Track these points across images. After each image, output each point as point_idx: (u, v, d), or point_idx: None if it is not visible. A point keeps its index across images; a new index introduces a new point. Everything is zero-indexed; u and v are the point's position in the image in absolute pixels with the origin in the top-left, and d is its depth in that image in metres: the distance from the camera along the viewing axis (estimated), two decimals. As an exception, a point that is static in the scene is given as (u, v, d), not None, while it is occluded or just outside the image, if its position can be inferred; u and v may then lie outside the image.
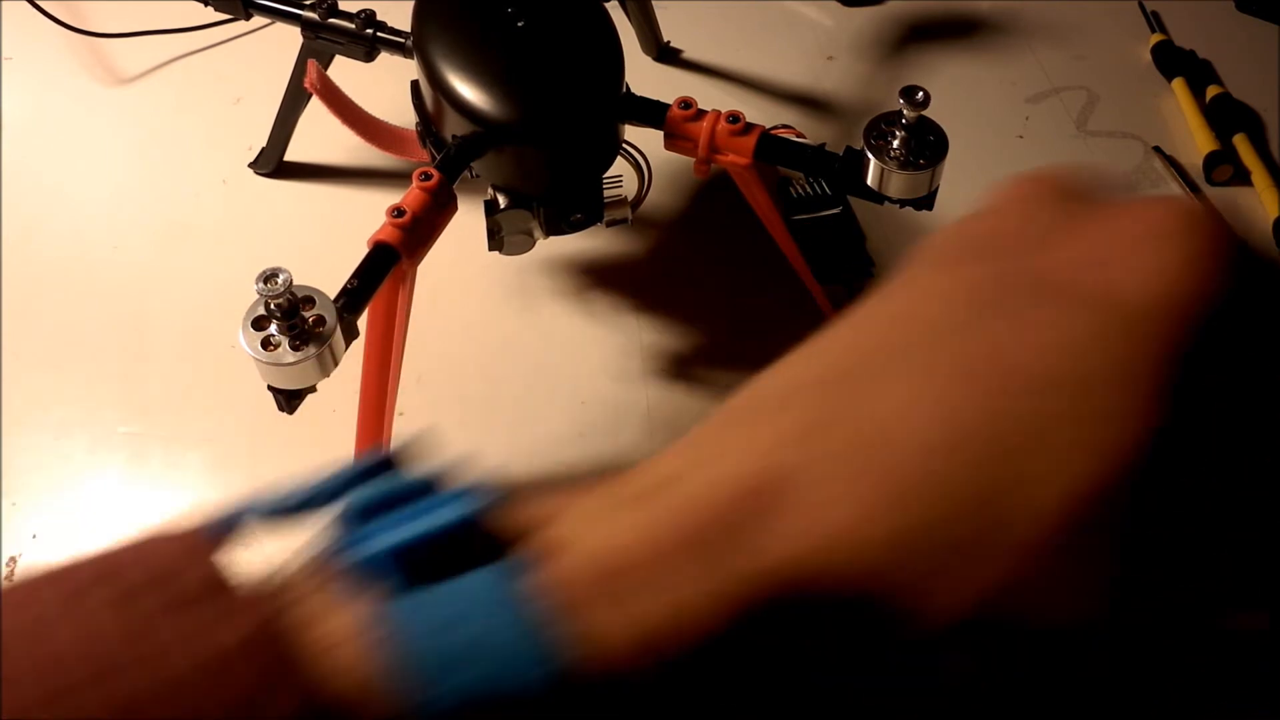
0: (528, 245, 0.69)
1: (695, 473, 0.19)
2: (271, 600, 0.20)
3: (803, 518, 0.18)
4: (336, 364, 0.53)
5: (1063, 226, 0.21)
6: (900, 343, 0.20)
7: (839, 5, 0.95)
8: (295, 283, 0.53)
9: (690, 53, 0.92)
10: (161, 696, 0.17)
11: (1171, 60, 0.89)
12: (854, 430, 0.18)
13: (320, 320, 0.54)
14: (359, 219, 0.66)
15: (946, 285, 0.21)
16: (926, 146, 0.61)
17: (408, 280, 0.63)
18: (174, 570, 0.19)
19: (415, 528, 0.20)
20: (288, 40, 0.76)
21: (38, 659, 0.18)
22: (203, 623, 0.18)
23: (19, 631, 0.19)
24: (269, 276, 0.53)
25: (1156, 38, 0.91)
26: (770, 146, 0.65)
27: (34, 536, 0.66)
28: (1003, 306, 0.19)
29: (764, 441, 0.19)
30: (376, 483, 0.21)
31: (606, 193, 0.68)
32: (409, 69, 0.70)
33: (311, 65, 0.73)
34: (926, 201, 0.63)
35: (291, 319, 0.54)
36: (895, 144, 0.61)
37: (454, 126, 0.65)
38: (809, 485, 0.18)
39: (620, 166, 0.70)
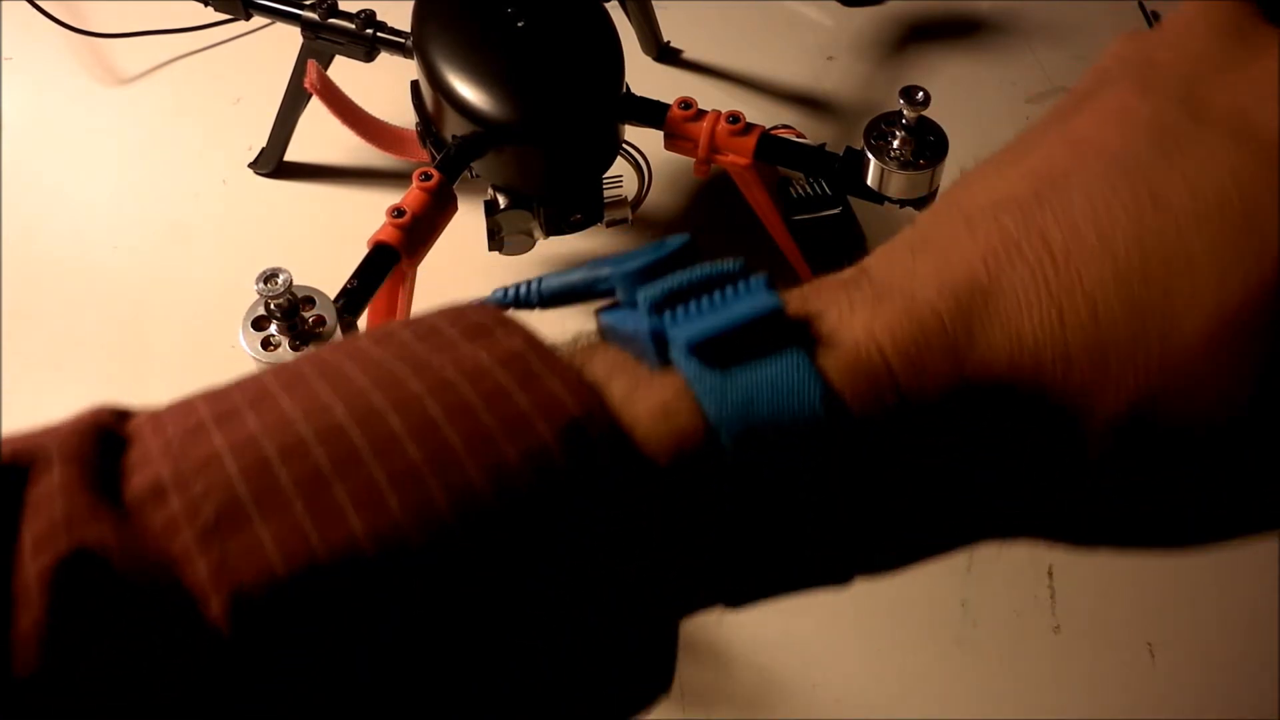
0: (528, 245, 0.69)
1: (908, 284, 0.22)
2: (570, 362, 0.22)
3: (1002, 323, 0.21)
4: (336, 364, 0.53)
5: (1238, 58, 0.23)
6: (1081, 171, 0.22)
7: (839, 5, 0.95)
8: (295, 283, 0.54)
9: (690, 53, 0.92)
10: (452, 424, 0.20)
11: (1171, 60, 0.89)
12: (1043, 249, 0.21)
13: (320, 320, 0.54)
14: (359, 219, 0.66)
15: (1126, 115, 0.23)
16: (926, 146, 0.61)
17: (408, 280, 0.63)
18: (481, 320, 0.23)
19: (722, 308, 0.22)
20: (288, 40, 0.76)
21: (348, 389, 0.21)
22: (507, 378, 0.21)
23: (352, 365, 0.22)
24: (269, 276, 0.53)
25: (1156, 38, 0.91)
26: (770, 146, 0.65)
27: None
28: (1176, 141, 0.22)
29: (961, 257, 0.22)
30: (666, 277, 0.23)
31: (606, 193, 0.68)
32: (409, 69, 0.70)
33: (311, 65, 0.73)
34: (926, 202, 0.63)
35: (291, 319, 0.54)
36: (895, 144, 0.61)
37: (454, 126, 0.65)
38: (1003, 296, 0.21)
39: (620, 166, 0.70)
